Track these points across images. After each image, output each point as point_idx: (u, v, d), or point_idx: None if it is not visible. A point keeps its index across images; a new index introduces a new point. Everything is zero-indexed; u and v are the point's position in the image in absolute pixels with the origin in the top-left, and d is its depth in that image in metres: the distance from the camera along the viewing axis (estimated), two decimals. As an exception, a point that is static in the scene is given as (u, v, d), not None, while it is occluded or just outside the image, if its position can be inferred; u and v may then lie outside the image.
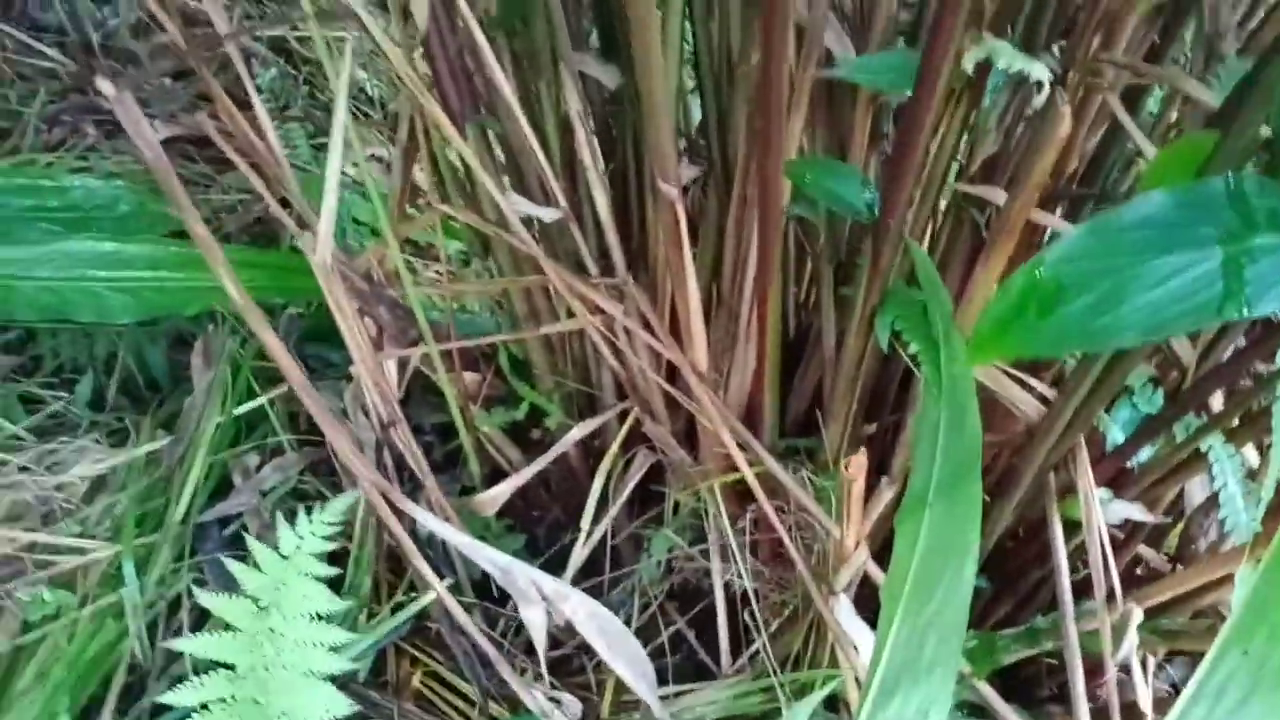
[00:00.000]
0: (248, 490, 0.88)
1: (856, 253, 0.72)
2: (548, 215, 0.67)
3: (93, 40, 1.66)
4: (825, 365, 0.72)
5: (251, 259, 1.11)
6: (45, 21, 1.69)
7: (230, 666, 0.59)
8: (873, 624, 0.61)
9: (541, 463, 0.77)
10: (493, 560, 0.60)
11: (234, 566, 0.59)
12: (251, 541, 0.60)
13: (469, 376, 0.92)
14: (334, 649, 0.59)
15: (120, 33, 1.69)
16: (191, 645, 0.59)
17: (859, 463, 0.47)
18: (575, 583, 0.75)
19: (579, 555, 0.80)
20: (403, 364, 0.87)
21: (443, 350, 0.82)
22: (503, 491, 0.77)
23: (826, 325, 0.71)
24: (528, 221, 0.71)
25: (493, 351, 0.95)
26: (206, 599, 0.59)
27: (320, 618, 0.59)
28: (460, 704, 0.76)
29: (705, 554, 0.76)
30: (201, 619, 0.79)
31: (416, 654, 0.79)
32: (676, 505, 0.80)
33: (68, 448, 0.92)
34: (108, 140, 1.48)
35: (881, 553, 0.60)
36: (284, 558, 0.59)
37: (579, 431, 0.79)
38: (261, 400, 0.94)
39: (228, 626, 0.60)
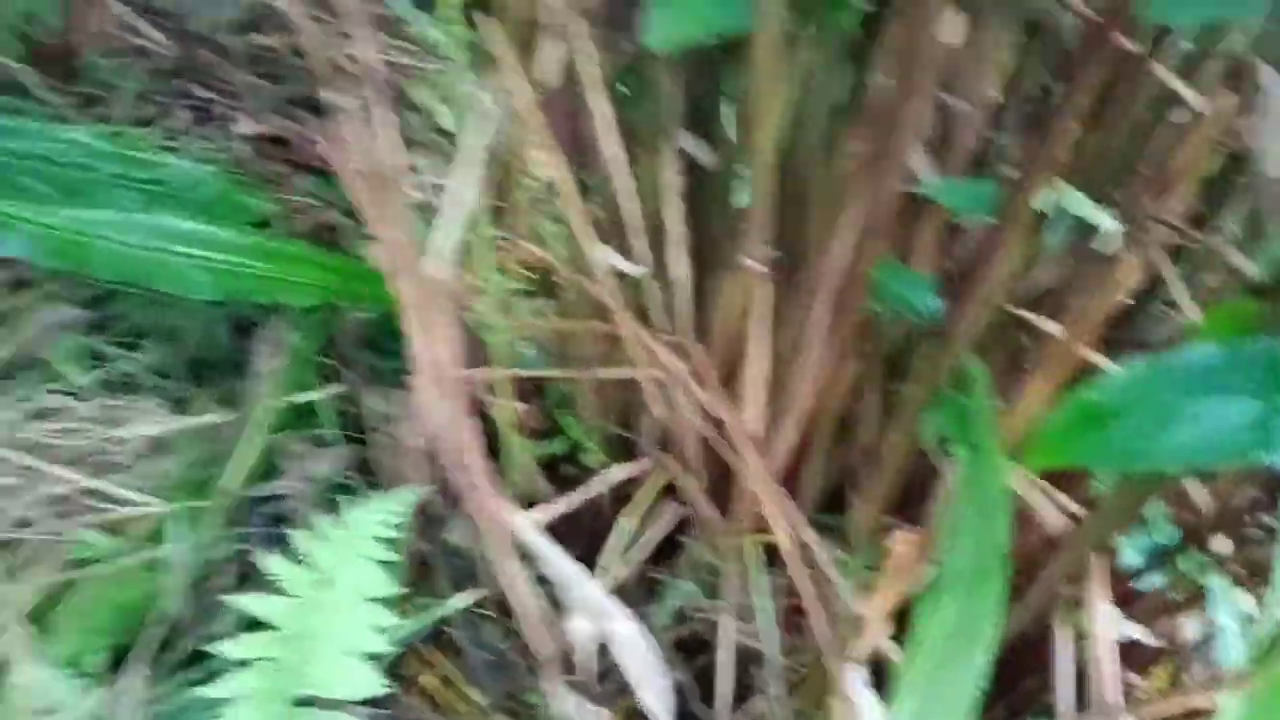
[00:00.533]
0: (296, 475, 0.92)
1: (905, 352, 0.78)
2: (634, 270, 0.73)
3: (196, 30, 1.74)
4: (858, 452, 0.78)
5: (321, 260, 1.16)
6: (152, 4, 1.77)
7: (279, 629, 0.63)
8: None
9: (583, 494, 0.82)
10: (563, 565, 0.65)
11: (300, 536, 0.64)
12: (319, 517, 0.65)
13: (517, 406, 0.97)
14: (379, 631, 0.63)
15: (222, 28, 1.77)
16: (249, 602, 0.63)
17: (907, 539, 0.52)
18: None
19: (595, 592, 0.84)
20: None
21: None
22: (543, 516, 0.81)
23: (867, 415, 0.77)
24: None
25: (538, 388, 1.00)
26: (270, 561, 0.64)
27: (374, 600, 0.63)
28: (464, 708, 0.80)
29: (718, 609, 0.80)
30: (240, 584, 0.84)
31: (430, 658, 0.83)
32: (696, 558, 0.85)
33: (130, 406, 0.98)
34: (196, 126, 1.55)
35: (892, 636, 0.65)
36: (350, 536, 0.64)
37: (620, 473, 0.84)
38: (319, 395, 1.00)
39: (280, 591, 0.64)
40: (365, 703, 0.69)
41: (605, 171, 0.73)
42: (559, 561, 0.65)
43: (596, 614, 0.64)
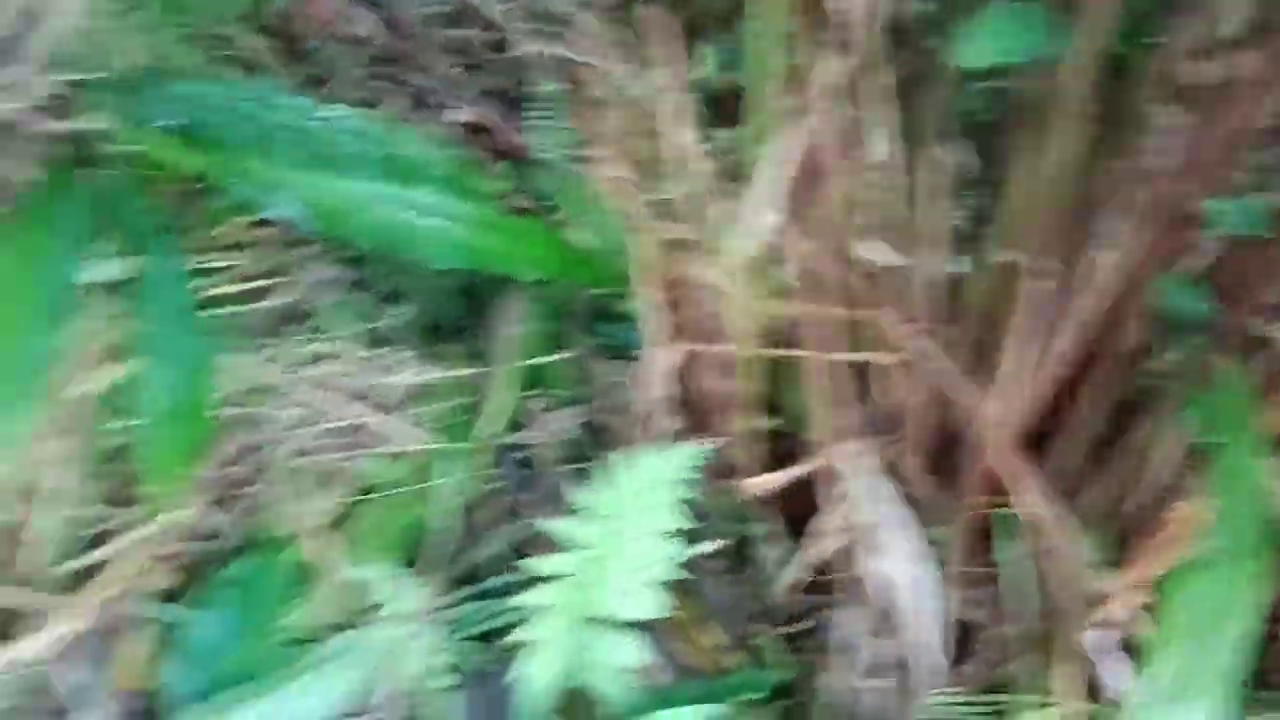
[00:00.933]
0: (539, 429, 1.03)
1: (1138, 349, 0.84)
2: (894, 261, 0.81)
3: (403, 21, 1.87)
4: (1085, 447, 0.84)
5: (546, 237, 1.26)
6: (367, -4, 1.89)
7: (582, 550, 0.73)
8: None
9: (810, 465, 0.90)
10: (892, 507, 0.73)
11: (608, 471, 0.74)
12: (622, 455, 0.74)
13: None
14: (667, 560, 0.72)
15: (426, 21, 1.90)
16: (559, 527, 0.73)
17: (1186, 513, 0.58)
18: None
19: (808, 557, 0.92)
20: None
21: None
22: (770, 480, 0.90)
23: (1095, 412, 0.83)
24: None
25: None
26: (577, 494, 0.73)
27: (664, 533, 0.72)
28: (704, 644, 0.89)
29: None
30: (500, 516, 0.95)
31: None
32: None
33: (390, 357, 1.09)
34: (412, 112, 1.67)
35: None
36: (646, 477, 0.73)
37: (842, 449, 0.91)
38: (553, 358, 1.10)
39: (582, 519, 0.74)
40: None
41: (876, 169, 0.81)
42: (889, 502, 0.73)
43: (904, 558, 0.71)
